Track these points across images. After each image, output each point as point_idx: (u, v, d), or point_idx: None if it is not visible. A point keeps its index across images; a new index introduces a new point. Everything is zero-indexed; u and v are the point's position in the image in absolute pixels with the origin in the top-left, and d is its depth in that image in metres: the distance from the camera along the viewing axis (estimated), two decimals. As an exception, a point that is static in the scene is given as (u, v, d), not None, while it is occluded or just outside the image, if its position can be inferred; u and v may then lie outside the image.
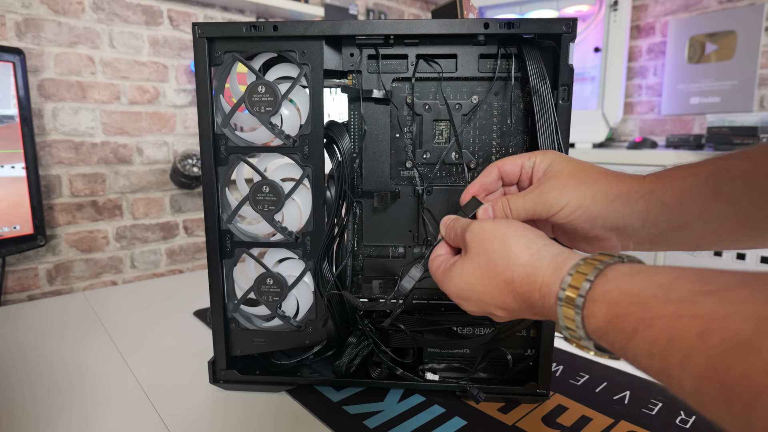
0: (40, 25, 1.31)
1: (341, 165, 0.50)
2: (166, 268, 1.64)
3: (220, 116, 0.49)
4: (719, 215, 0.32)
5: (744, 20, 1.79)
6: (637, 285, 0.24)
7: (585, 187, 0.35)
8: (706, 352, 0.19)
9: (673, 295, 0.22)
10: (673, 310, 0.21)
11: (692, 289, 0.21)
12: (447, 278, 0.35)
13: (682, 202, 0.33)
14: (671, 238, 0.34)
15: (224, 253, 0.52)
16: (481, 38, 0.46)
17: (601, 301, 0.25)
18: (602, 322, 0.25)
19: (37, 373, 0.58)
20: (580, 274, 0.27)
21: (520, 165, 0.38)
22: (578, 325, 0.26)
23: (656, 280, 0.23)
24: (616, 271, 0.26)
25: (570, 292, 0.27)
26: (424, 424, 0.48)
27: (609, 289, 0.25)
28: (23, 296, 1.35)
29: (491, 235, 0.33)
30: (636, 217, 0.34)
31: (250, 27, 0.47)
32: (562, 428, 0.47)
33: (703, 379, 0.19)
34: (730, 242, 0.34)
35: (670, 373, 0.21)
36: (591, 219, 0.34)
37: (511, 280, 0.31)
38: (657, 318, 0.21)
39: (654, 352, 0.21)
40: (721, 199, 0.32)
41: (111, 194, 1.49)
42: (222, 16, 1.67)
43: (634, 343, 0.22)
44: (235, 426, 0.48)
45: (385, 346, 0.53)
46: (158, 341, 0.67)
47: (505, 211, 0.37)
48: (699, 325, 0.19)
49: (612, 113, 1.91)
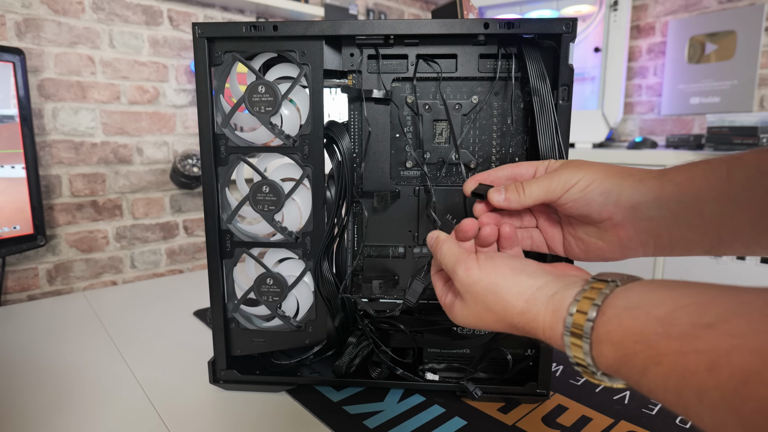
0: (40, 25, 1.31)
1: (341, 165, 0.50)
2: (166, 268, 1.64)
3: (220, 116, 0.49)
4: (735, 200, 0.31)
5: (744, 20, 1.79)
6: (637, 321, 0.24)
7: (598, 166, 0.34)
8: (718, 387, 0.19)
9: (675, 331, 0.22)
10: (677, 346, 0.21)
11: (690, 323, 0.21)
12: (451, 315, 0.35)
13: (695, 183, 0.32)
14: (689, 226, 0.32)
15: (224, 253, 0.52)
16: (481, 38, 0.46)
17: (606, 341, 0.25)
18: (611, 361, 0.25)
19: (37, 373, 0.58)
20: (581, 313, 0.27)
21: (535, 167, 0.38)
22: (589, 363, 0.26)
23: (655, 315, 0.23)
24: (614, 308, 0.25)
25: (575, 338, 0.27)
26: (424, 424, 0.48)
27: (611, 329, 0.25)
28: (23, 296, 1.35)
29: (483, 287, 0.32)
30: (650, 194, 0.33)
31: (250, 27, 0.47)
32: (562, 428, 0.47)
33: (720, 412, 0.19)
34: (753, 237, 0.31)
35: (687, 405, 0.21)
36: (605, 192, 0.33)
37: (513, 325, 0.31)
38: (663, 354, 0.22)
39: (669, 387, 0.21)
40: (735, 183, 0.31)
41: (111, 194, 1.49)
42: (222, 16, 1.67)
43: (647, 379, 0.23)
44: (235, 426, 0.48)
45: (385, 346, 0.53)
46: (158, 341, 0.67)
47: (518, 191, 0.35)
48: (705, 361, 0.20)
49: (612, 113, 1.91)
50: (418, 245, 0.53)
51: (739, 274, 1.43)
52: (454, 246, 0.35)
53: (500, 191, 0.36)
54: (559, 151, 0.44)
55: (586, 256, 0.37)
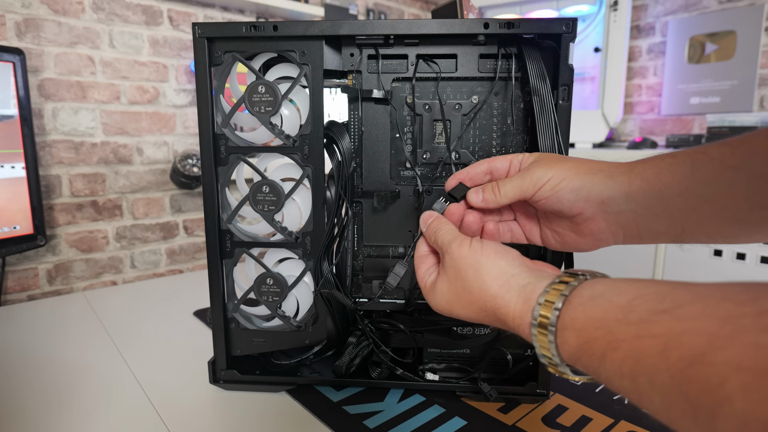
0: (40, 25, 1.31)
1: (341, 165, 0.50)
2: (166, 268, 1.64)
3: (220, 116, 0.49)
4: (699, 194, 0.32)
5: (744, 20, 1.79)
6: (600, 309, 0.25)
7: (569, 163, 0.36)
8: (668, 369, 0.20)
9: (633, 316, 0.23)
10: (634, 331, 0.22)
11: (649, 309, 0.22)
12: (430, 295, 0.37)
13: (661, 179, 0.33)
14: (656, 218, 0.34)
15: (224, 253, 0.52)
16: (481, 38, 0.46)
17: (570, 328, 0.26)
18: (574, 348, 0.26)
19: (37, 373, 0.58)
20: (548, 304, 0.28)
21: (509, 161, 0.40)
22: (554, 353, 0.28)
23: (616, 303, 0.24)
24: (580, 297, 0.27)
25: (541, 326, 0.28)
26: (424, 424, 0.48)
27: (575, 316, 0.26)
28: (23, 296, 1.35)
29: (467, 263, 0.34)
30: (618, 190, 0.34)
31: (250, 27, 0.47)
32: (562, 428, 0.47)
33: (669, 395, 0.20)
34: (716, 227, 0.34)
35: (641, 391, 0.22)
36: (575, 189, 0.35)
37: (485, 308, 0.32)
38: (621, 340, 0.23)
39: (624, 373, 0.22)
40: (699, 178, 0.32)
41: (111, 194, 1.49)
42: (222, 16, 1.67)
43: (604, 366, 0.24)
44: (235, 426, 0.48)
45: (385, 346, 0.53)
46: (158, 341, 0.67)
47: (494, 191, 0.38)
48: (659, 344, 0.20)
49: (612, 113, 1.91)
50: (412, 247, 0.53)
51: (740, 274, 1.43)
52: (453, 227, 0.37)
53: (478, 192, 0.39)
54: (559, 151, 0.44)
55: (561, 247, 0.39)
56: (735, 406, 0.17)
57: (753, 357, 0.17)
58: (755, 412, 0.16)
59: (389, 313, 0.55)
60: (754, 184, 0.31)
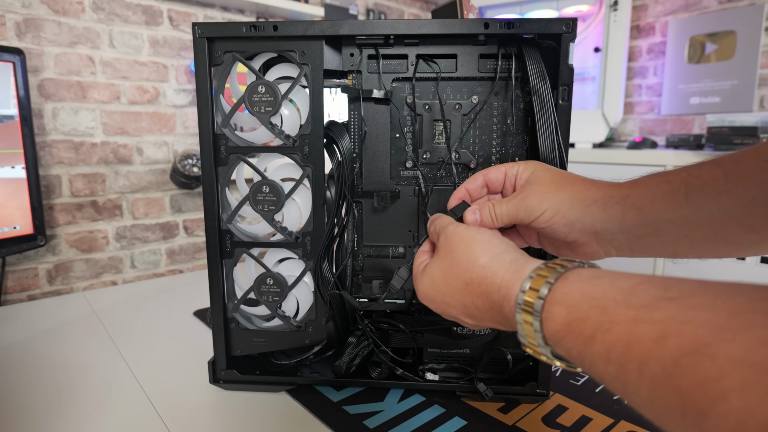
0: (40, 25, 1.31)
1: (341, 165, 0.50)
2: (166, 268, 1.64)
3: (220, 116, 0.49)
4: (692, 221, 0.33)
5: (744, 20, 1.79)
6: (599, 288, 0.24)
7: (563, 193, 0.36)
8: (662, 358, 0.19)
9: (634, 300, 0.22)
10: (633, 314, 0.21)
11: (654, 295, 0.21)
12: (419, 278, 0.36)
13: (655, 207, 0.34)
14: (649, 243, 0.35)
15: (224, 253, 0.52)
16: (481, 38, 0.46)
17: (561, 303, 0.25)
18: (561, 325, 0.24)
19: (37, 373, 0.58)
20: (541, 277, 0.27)
21: (504, 173, 0.40)
22: (536, 329, 0.26)
23: (618, 285, 0.23)
24: (579, 274, 0.26)
25: (529, 296, 0.26)
26: (424, 424, 0.48)
27: (570, 291, 0.25)
28: (23, 296, 1.35)
29: (459, 238, 0.34)
30: (612, 221, 0.35)
31: (250, 27, 0.47)
32: (562, 428, 0.47)
33: (658, 387, 0.19)
34: (707, 249, 0.35)
35: (627, 380, 0.20)
36: (569, 223, 0.36)
37: (470, 281, 0.31)
38: (616, 322, 0.21)
39: (611, 358, 0.21)
40: (692, 205, 0.33)
41: (111, 194, 1.49)
42: (222, 16, 1.67)
43: (591, 349, 0.22)
44: (235, 426, 0.48)
45: (385, 346, 0.53)
46: (158, 341, 0.67)
47: (490, 214, 0.38)
48: (657, 330, 0.19)
49: (612, 113, 1.91)
50: (418, 245, 0.53)
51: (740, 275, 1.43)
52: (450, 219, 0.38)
53: (475, 212, 0.39)
54: (559, 151, 0.44)
55: (558, 255, 0.41)
56: (731, 404, 0.16)
57: (759, 352, 0.16)
58: (753, 411, 0.15)
59: (389, 313, 0.55)
60: (746, 209, 0.31)
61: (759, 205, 0.30)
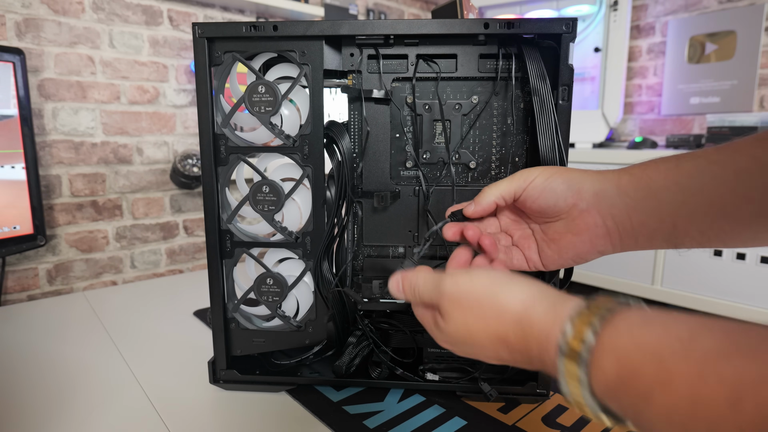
0: (40, 25, 1.31)
1: (341, 165, 0.50)
2: (166, 268, 1.64)
3: (220, 116, 0.49)
4: (684, 186, 0.33)
5: (744, 20, 1.79)
6: (653, 335, 0.21)
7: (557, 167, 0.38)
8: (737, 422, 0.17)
9: (696, 352, 0.19)
10: (696, 370, 0.18)
11: (717, 346, 0.19)
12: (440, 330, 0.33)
13: (647, 173, 0.35)
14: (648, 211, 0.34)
15: (224, 253, 0.52)
16: (481, 38, 0.46)
17: (611, 353, 0.21)
18: (612, 378, 0.21)
19: (37, 373, 0.58)
20: (583, 321, 0.23)
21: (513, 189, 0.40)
22: (583, 382, 0.22)
23: (676, 332, 0.20)
24: (626, 319, 0.22)
25: (573, 343, 0.23)
26: (424, 424, 0.48)
27: (619, 339, 0.22)
28: (23, 296, 1.35)
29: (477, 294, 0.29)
30: (608, 183, 0.36)
31: (250, 27, 0.47)
32: (562, 428, 0.47)
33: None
34: (707, 223, 0.33)
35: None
36: (567, 180, 0.36)
37: (505, 336, 0.28)
38: (677, 379, 0.19)
39: (674, 420, 0.19)
40: (683, 172, 0.33)
41: (111, 194, 1.49)
42: (222, 16, 1.67)
43: (650, 409, 0.20)
44: (235, 426, 0.48)
45: (385, 346, 0.53)
46: (158, 341, 0.67)
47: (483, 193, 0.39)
48: (728, 390, 0.17)
49: (612, 113, 1.91)
50: (418, 245, 0.53)
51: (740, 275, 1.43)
52: (428, 272, 0.34)
53: (470, 203, 0.39)
54: (559, 151, 0.44)
55: (560, 257, 0.38)
56: None
57: None
58: None
59: (389, 313, 0.55)
60: (738, 177, 0.31)
61: (753, 175, 0.30)
